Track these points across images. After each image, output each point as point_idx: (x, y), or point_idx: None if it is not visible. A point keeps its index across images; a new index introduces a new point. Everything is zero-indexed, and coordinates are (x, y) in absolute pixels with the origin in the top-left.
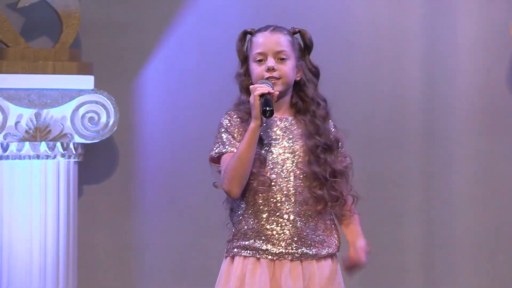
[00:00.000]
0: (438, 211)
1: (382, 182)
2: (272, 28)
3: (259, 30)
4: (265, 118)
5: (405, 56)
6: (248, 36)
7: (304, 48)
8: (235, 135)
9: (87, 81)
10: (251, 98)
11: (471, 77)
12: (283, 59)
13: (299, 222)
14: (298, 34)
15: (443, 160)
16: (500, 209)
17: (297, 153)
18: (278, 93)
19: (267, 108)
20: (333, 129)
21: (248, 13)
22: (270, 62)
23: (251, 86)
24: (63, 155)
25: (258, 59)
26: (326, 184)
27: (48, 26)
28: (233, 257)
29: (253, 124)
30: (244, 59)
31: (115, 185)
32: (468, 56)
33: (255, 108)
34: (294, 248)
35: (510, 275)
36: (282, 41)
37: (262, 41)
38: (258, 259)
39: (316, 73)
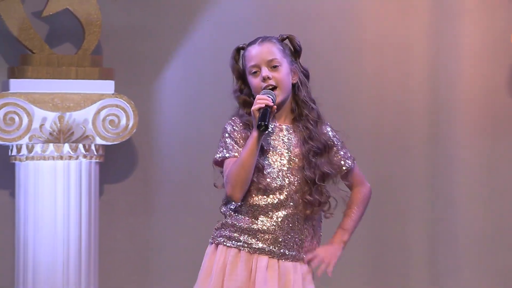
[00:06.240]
0: (442, 211)
1: (388, 183)
2: (260, 39)
3: (249, 44)
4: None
5: (410, 62)
6: (242, 52)
7: (294, 52)
8: (238, 140)
9: (108, 86)
10: (252, 109)
11: (474, 82)
12: (275, 66)
13: (286, 225)
14: (287, 40)
15: (447, 161)
16: (502, 209)
17: (293, 159)
18: (276, 107)
19: (262, 123)
20: (329, 132)
21: (263, 18)
22: (264, 71)
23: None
24: (85, 156)
25: (253, 71)
26: (314, 187)
27: (71, 34)
28: (217, 245)
29: (254, 133)
30: (239, 75)
31: (134, 184)
32: (471, 63)
33: (255, 120)
34: (276, 248)
35: None
36: (272, 50)
37: (253, 54)
38: (240, 250)
39: (307, 75)
